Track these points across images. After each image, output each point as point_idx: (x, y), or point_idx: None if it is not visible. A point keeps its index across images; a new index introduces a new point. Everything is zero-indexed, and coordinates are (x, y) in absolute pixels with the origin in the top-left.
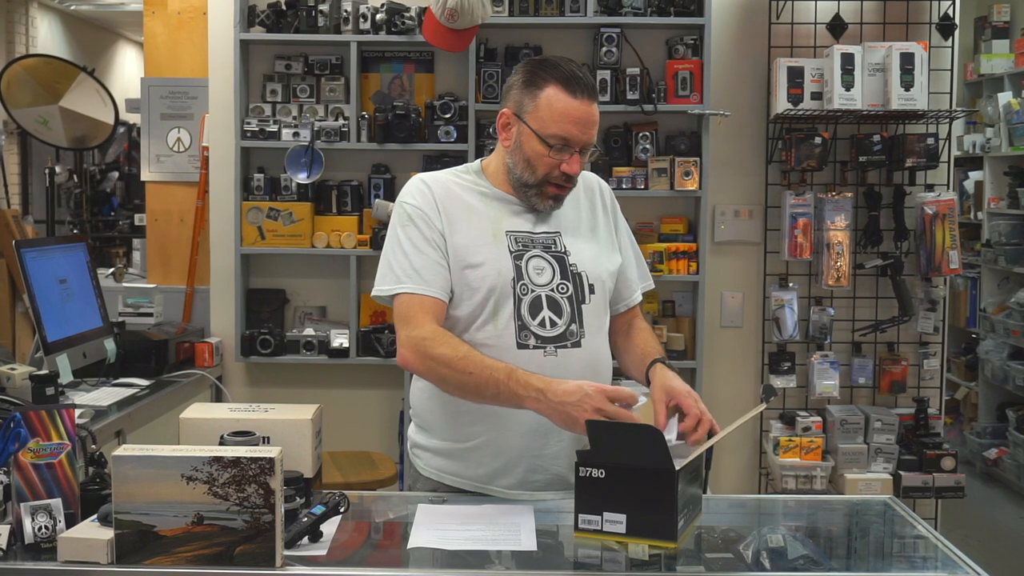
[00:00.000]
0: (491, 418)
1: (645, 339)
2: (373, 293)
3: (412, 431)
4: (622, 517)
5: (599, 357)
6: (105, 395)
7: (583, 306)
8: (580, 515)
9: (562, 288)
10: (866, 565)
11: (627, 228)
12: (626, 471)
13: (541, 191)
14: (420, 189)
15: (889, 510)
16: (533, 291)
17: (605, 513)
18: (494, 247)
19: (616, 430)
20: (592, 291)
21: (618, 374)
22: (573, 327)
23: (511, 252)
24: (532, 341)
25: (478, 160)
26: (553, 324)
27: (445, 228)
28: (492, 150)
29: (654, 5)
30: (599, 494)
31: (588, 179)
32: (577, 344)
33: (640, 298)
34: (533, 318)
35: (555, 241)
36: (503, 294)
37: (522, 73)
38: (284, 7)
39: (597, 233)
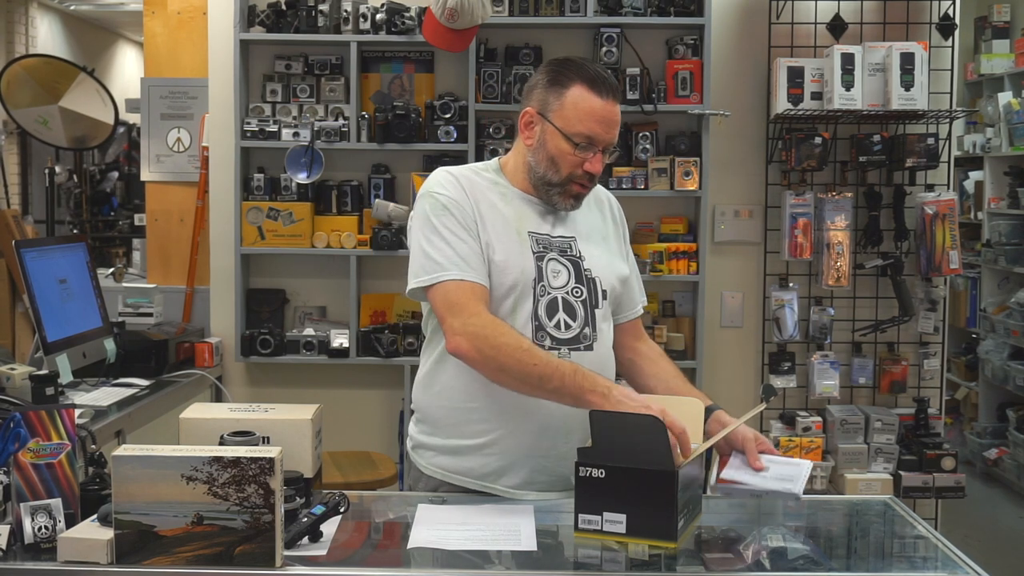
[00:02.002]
0: (501, 417)
1: (674, 372)
2: (411, 286)
3: (414, 430)
4: (622, 517)
5: (608, 360)
6: (105, 395)
7: (596, 310)
8: (580, 515)
9: (576, 291)
10: (866, 565)
11: (630, 246)
12: (626, 471)
13: (564, 190)
14: (450, 180)
15: (889, 510)
16: (550, 293)
17: (605, 513)
18: (519, 246)
19: (619, 420)
20: (604, 296)
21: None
22: (587, 330)
23: (534, 253)
24: (548, 342)
25: (495, 159)
26: (568, 326)
27: (478, 220)
28: (493, 150)
29: (654, 5)
30: (599, 494)
31: (598, 192)
32: (589, 347)
33: (640, 312)
34: (549, 319)
35: (571, 245)
36: (523, 294)
37: (546, 72)
38: (284, 7)
39: (608, 241)
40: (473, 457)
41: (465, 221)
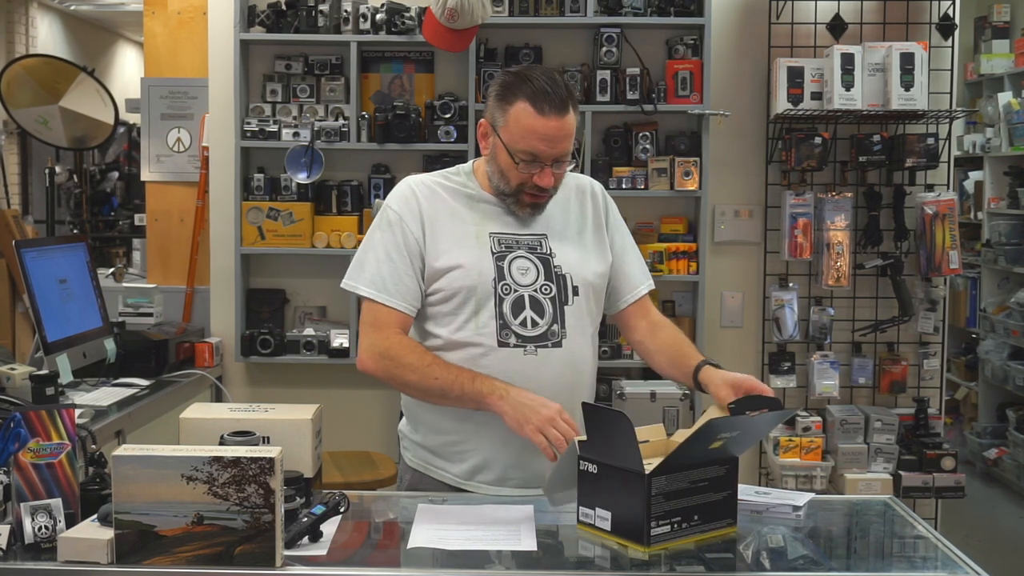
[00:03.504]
0: (470, 413)
1: (674, 337)
2: (343, 282)
3: (402, 424)
4: (608, 514)
5: (580, 357)
6: (105, 395)
7: (566, 307)
8: (580, 507)
9: (545, 289)
10: (866, 565)
11: (625, 229)
12: (611, 468)
13: (517, 200)
14: (405, 195)
15: (889, 510)
16: (516, 291)
17: (597, 508)
18: (476, 249)
19: (604, 414)
20: (576, 293)
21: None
22: (555, 327)
23: (493, 253)
24: (513, 340)
25: (471, 161)
26: (535, 324)
27: (426, 234)
28: None
29: (654, 5)
30: (593, 489)
31: (581, 182)
32: (558, 344)
33: (643, 293)
34: (515, 317)
35: (540, 243)
36: (484, 294)
37: (497, 86)
38: (284, 7)
39: (585, 236)
40: (449, 455)
41: (403, 240)
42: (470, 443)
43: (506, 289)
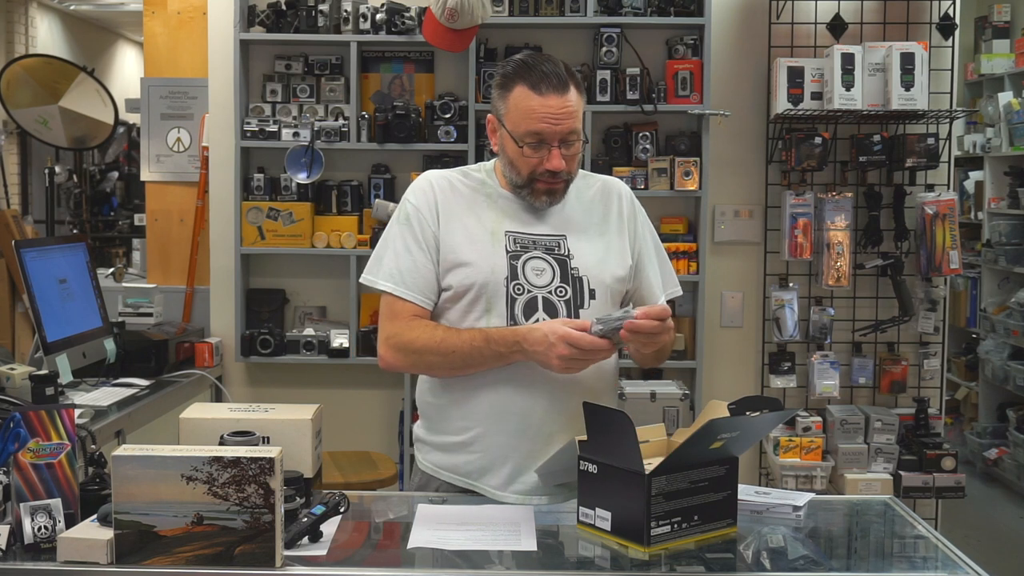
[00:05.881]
0: (479, 414)
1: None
2: (361, 278)
3: (416, 426)
4: (608, 514)
5: (596, 365)
6: (105, 395)
7: (581, 310)
8: (581, 508)
9: (560, 291)
10: (866, 565)
11: (653, 235)
12: (611, 468)
13: (532, 189)
14: (423, 189)
15: (889, 510)
16: (529, 292)
17: (597, 508)
18: (490, 246)
19: (605, 413)
20: (593, 296)
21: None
22: None
23: (507, 252)
24: None
25: (493, 160)
26: None
27: (441, 229)
28: (492, 150)
29: (654, 5)
30: (593, 489)
31: (609, 184)
32: None
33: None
34: (527, 318)
35: (559, 243)
36: (495, 293)
37: (498, 76)
38: (284, 7)
39: (607, 238)
40: (459, 454)
41: (421, 234)
42: (477, 444)
43: (518, 289)
